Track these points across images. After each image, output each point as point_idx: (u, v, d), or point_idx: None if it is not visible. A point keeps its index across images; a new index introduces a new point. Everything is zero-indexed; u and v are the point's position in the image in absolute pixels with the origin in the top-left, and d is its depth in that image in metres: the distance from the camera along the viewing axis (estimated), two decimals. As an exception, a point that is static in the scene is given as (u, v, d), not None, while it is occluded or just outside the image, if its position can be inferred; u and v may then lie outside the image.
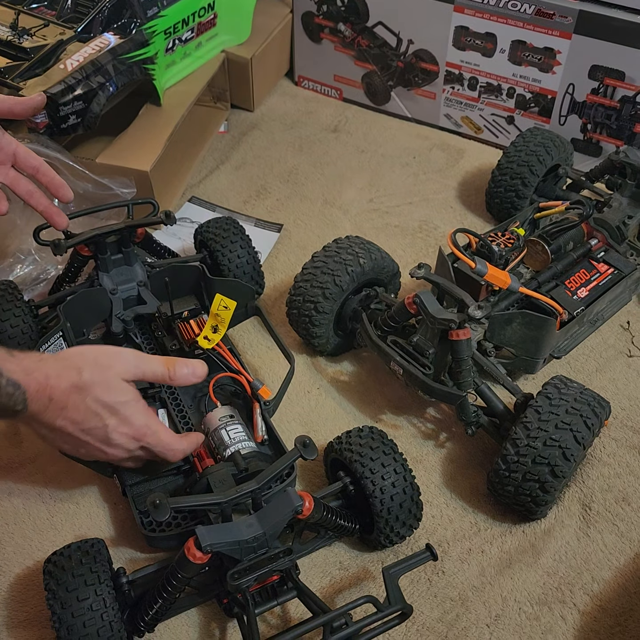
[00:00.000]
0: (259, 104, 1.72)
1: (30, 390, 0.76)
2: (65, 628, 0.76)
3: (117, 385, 0.81)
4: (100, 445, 0.82)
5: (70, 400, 0.78)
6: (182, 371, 0.86)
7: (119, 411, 0.81)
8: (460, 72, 1.59)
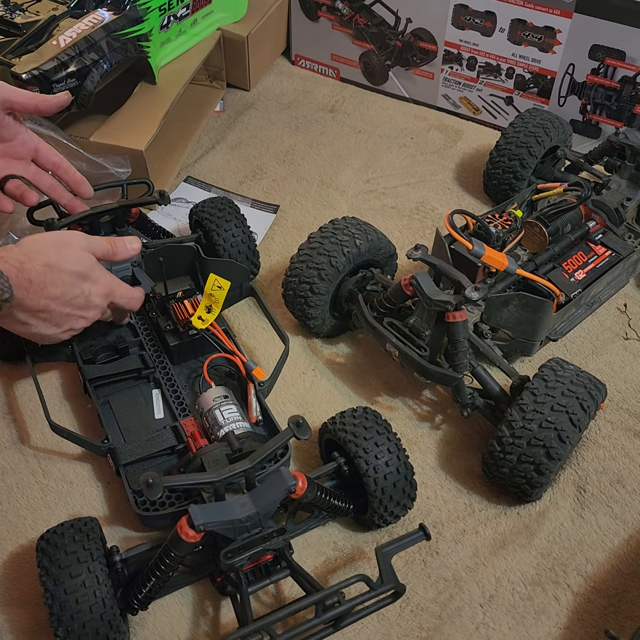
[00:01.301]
0: (255, 83, 1.70)
1: (11, 276, 0.80)
2: (58, 605, 0.76)
3: (82, 255, 0.88)
4: (80, 312, 0.89)
5: (47, 278, 0.83)
6: (121, 246, 0.96)
7: (89, 276, 0.89)
8: (459, 52, 1.57)
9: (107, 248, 0.95)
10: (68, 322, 0.89)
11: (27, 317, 0.85)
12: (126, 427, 1.00)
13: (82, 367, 1.03)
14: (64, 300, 0.86)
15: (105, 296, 0.92)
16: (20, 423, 1.06)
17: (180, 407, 1.02)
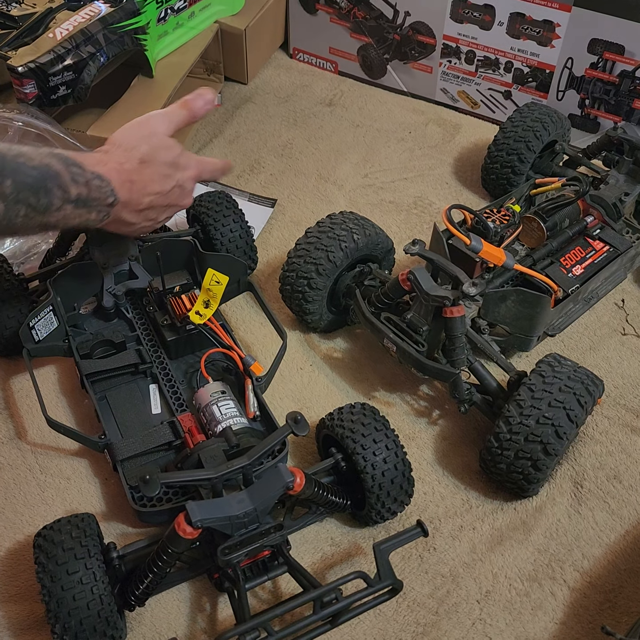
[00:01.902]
0: (253, 76, 1.70)
1: (113, 178, 0.80)
2: (55, 601, 0.76)
3: (168, 142, 0.89)
4: (178, 201, 0.92)
5: (146, 175, 0.85)
6: (198, 106, 0.94)
7: (179, 163, 0.89)
8: (458, 46, 1.56)
9: (184, 115, 0.93)
10: (167, 211, 0.92)
11: (132, 217, 0.86)
12: (123, 422, 1.00)
13: (79, 362, 1.03)
14: (164, 194, 0.87)
15: (196, 179, 0.93)
16: (17, 418, 1.06)
17: (178, 402, 1.02)
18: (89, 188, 0.78)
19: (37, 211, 0.75)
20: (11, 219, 0.73)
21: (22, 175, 0.72)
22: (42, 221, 0.76)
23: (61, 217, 0.77)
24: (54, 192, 0.75)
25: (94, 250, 1.10)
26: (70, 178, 0.76)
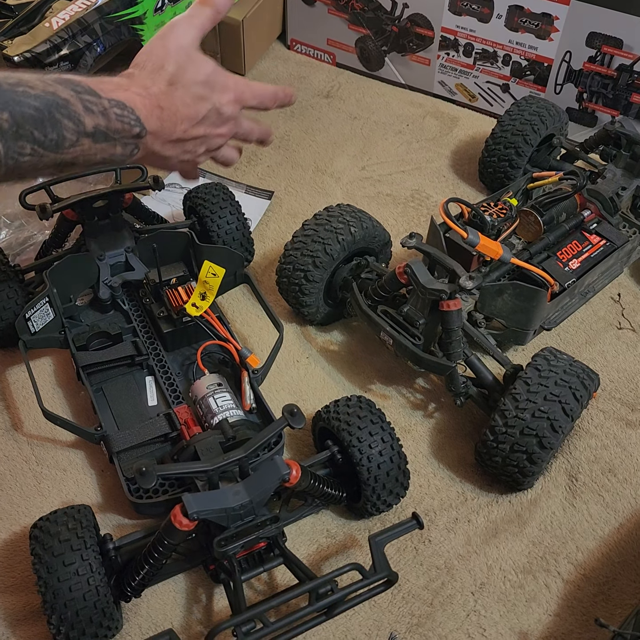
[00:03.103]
0: (250, 67, 1.69)
1: (137, 106, 0.69)
2: (51, 592, 0.77)
3: (198, 57, 0.76)
4: (216, 130, 0.78)
5: (177, 99, 0.73)
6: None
7: (214, 83, 0.76)
8: (456, 38, 1.56)
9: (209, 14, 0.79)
10: (205, 143, 0.78)
11: (167, 149, 0.75)
12: (119, 414, 1.00)
13: (75, 353, 1.03)
14: (198, 120, 0.75)
15: (237, 102, 0.78)
16: (13, 410, 1.06)
17: (174, 394, 1.02)
18: (108, 118, 0.67)
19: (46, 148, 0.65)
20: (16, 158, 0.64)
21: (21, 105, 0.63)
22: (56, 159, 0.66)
23: (79, 154, 0.67)
24: (64, 124, 0.65)
25: (89, 242, 1.10)
26: (83, 107, 0.66)
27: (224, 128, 0.78)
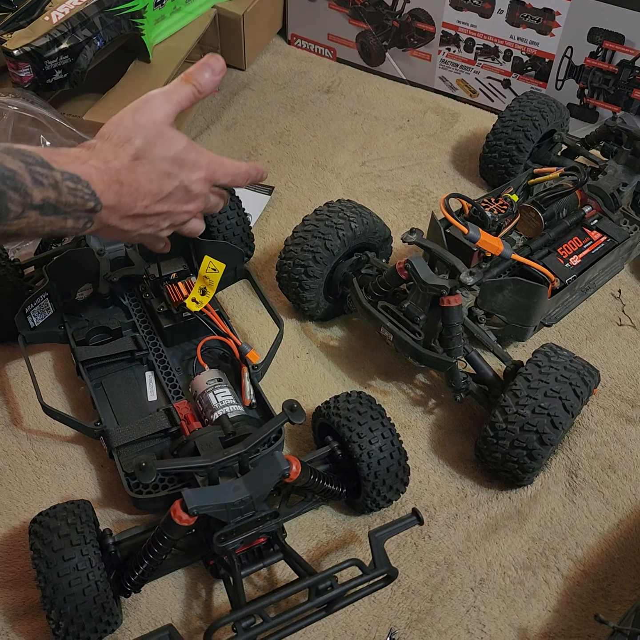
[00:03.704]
0: (250, 62, 1.68)
1: (93, 179, 0.66)
2: (51, 587, 0.76)
3: (169, 133, 0.74)
4: (182, 207, 0.76)
5: (140, 174, 0.70)
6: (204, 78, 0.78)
7: (184, 160, 0.74)
8: (457, 33, 1.55)
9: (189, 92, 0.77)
10: (169, 218, 0.76)
11: (125, 223, 0.72)
12: (119, 409, 1.00)
13: (75, 348, 1.02)
14: (163, 196, 0.73)
15: (207, 181, 0.76)
16: (13, 405, 1.06)
17: (174, 389, 1.02)
18: (59, 191, 0.64)
19: None
20: None
21: None
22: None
23: (24, 225, 0.64)
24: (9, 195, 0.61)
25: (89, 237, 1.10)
26: (32, 179, 0.63)
27: (191, 205, 0.76)
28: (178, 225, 0.78)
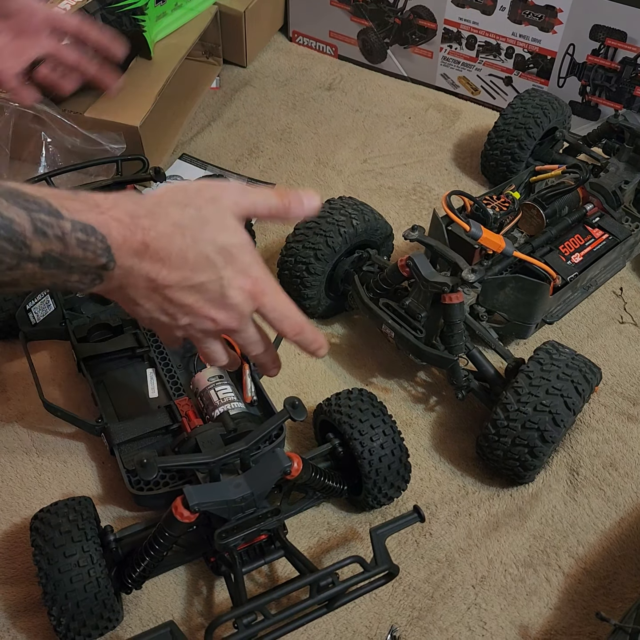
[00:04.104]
0: (252, 59, 1.68)
1: (111, 234, 0.56)
2: (52, 584, 0.76)
3: (231, 223, 0.61)
4: (210, 311, 0.62)
5: (174, 245, 0.58)
6: (298, 204, 0.66)
7: (236, 258, 0.61)
8: (459, 31, 1.55)
9: (277, 204, 0.65)
10: (190, 315, 0.62)
11: (139, 296, 0.61)
12: (120, 406, 1.00)
13: (76, 345, 1.02)
14: (193, 283, 0.59)
15: (250, 295, 0.63)
16: (14, 401, 1.06)
17: (175, 386, 1.02)
18: (65, 244, 0.55)
19: None
20: None
21: None
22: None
23: (19, 277, 0.55)
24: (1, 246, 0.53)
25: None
26: (33, 229, 0.53)
27: (221, 314, 0.62)
28: (197, 333, 0.65)
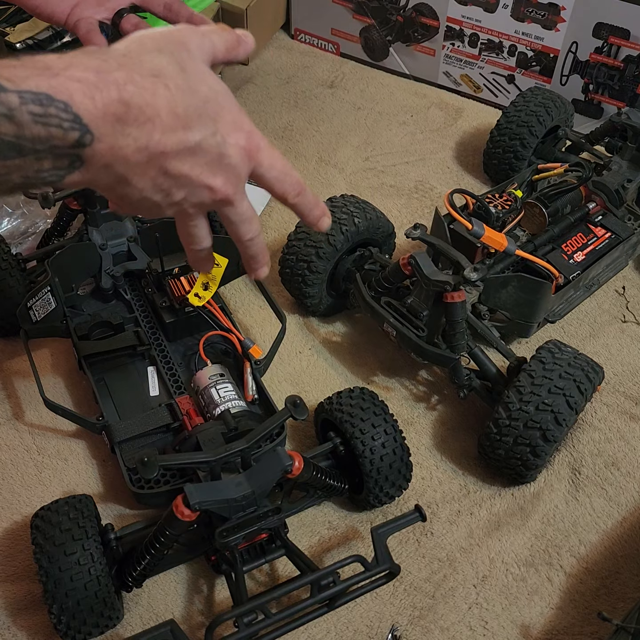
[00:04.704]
0: (253, 57, 1.68)
1: (74, 99, 0.43)
2: (53, 582, 0.76)
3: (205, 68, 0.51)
4: (208, 176, 0.50)
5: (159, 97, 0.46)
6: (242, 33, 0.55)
7: (224, 107, 0.50)
8: (461, 28, 1.54)
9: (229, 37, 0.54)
10: (186, 187, 0.50)
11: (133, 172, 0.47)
12: (121, 404, 1.00)
13: (77, 343, 1.02)
14: (188, 146, 0.48)
15: (247, 153, 0.52)
16: (15, 399, 1.06)
17: (176, 384, 1.02)
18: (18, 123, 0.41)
19: None
20: None
21: None
22: None
23: None
24: None
25: (92, 231, 1.09)
26: None
27: (220, 179, 0.51)
28: (190, 207, 0.53)
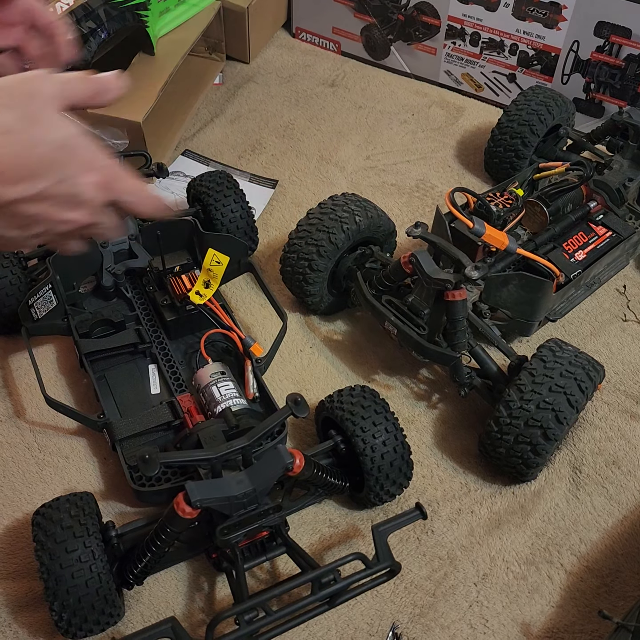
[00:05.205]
0: (255, 55, 1.68)
1: None
2: (54, 579, 0.76)
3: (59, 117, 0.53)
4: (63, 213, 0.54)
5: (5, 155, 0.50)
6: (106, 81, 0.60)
7: (77, 151, 0.53)
8: (463, 27, 1.54)
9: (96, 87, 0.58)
10: (42, 223, 0.54)
11: None
12: (122, 402, 1.00)
13: (78, 340, 1.02)
14: (36, 192, 0.52)
15: (102, 187, 0.55)
16: (16, 397, 1.06)
17: (177, 382, 1.02)
18: None
19: None
20: None
21: None
22: None
23: None
24: None
25: (93, 229, 1.09)
26: None
27: (75, 213, 0.54)
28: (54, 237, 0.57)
